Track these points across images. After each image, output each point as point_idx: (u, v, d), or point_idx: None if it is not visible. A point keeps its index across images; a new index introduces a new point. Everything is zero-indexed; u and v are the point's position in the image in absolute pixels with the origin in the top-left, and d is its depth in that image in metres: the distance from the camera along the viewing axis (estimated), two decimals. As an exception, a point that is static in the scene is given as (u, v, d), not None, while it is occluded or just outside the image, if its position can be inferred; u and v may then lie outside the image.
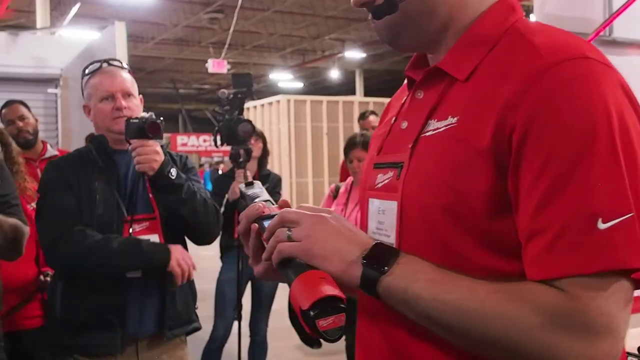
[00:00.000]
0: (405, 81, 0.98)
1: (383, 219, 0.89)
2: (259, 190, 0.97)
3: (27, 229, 2.12)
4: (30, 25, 10.44)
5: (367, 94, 19.08)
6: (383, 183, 0.91)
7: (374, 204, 0.92)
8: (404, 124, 0.91)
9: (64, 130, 5.28)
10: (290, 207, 0.90)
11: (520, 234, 0.75)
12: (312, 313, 0.74)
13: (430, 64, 0.92)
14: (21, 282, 2.46)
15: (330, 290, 0.75)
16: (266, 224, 0.86)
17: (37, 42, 5.62)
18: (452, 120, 0.81)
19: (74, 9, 10.77)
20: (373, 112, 5.44)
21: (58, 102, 5.31)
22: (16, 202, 2.15)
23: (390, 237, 0.87)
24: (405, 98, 0.96)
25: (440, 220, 0.79)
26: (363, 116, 5.42)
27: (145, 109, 2.03)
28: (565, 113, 0.72)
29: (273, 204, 0.92)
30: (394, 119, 0.96)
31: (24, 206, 2.37)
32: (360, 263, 0.78)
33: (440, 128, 0.83)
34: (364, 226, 0.95)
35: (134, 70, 2.10)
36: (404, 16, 0.86)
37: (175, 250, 1.92)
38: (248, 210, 0.90)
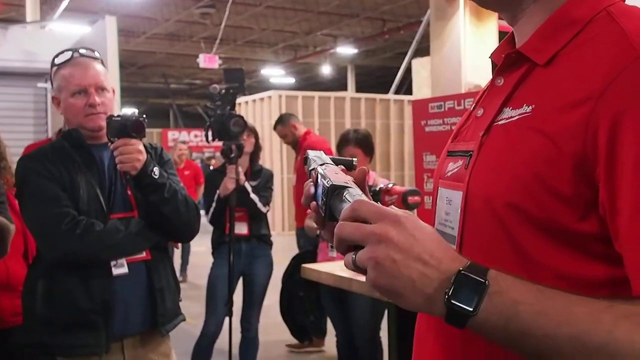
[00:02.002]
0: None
1: (449, 209, 0.85)
2: (312, 162, 0.88)
3: (12, 227, 2.08)
4: (20, 19, 10.34)
5: (358, 90, 19.08)
6: (452, 172, 0.87)
7: (442, 193, 0.89)
8: (480, 112, 0.86)
9: (54, 125, 5.23)
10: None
11: (618, 242, 0.67)
12: None
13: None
14: (10, 278, 2.44)
15: None
16: (319, 197, 0.79)
17: (27, 36, 5.56)
18: (526, 109, 0.75)
19: (65, 3, 10.68)
20: (282, 121, 5.04)
21: (48, 97, 5.27)
22: (1, 200, 2.12)
23: (454, 230, 0.83)
24: (486, 85, 0.91)
25: (507, 216, 0.73)
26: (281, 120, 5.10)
27: (137, 104, 2.01)
28: None
29: (326, 164, 0.83)
30: (473, 106, 0.92)
31: (12, 202, 2.36)
32: (442, 301, 0.64)
33: (513, 117, 0.77)
34: (434, 215, 0.92)
35: (125, 65, 2.08)
36: None
37: None
38: (303, 196, 0.84)
